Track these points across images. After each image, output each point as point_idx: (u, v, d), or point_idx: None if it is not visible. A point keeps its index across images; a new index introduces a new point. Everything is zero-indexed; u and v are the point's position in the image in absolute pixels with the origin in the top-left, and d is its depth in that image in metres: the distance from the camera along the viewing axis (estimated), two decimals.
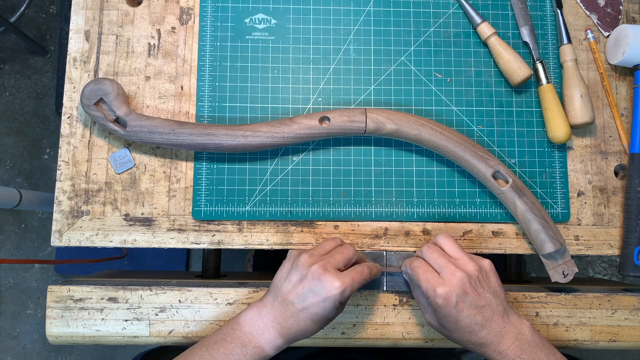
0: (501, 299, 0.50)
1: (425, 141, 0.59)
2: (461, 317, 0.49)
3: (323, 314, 0.49)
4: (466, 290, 0.49)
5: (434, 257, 0.52)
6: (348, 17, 0.65)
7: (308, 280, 0.49)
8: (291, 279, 0.50)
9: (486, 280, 0.50)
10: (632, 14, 0.68)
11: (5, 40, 1.51)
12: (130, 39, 0.63)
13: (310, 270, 0.49)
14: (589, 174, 0.64)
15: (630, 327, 0.60)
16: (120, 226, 0.60)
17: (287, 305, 0.49)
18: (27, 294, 1.42)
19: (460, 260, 0.51)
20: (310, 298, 0.48)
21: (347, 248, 0.54)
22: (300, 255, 0.51)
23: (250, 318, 0.50)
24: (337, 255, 0.52)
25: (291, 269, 0.51)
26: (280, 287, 0.50)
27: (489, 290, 0.50)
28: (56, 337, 0.58)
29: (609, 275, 1.48)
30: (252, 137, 0.58)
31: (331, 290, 0.48)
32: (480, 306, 0.49)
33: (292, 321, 0.49)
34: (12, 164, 1.47)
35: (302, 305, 0.49)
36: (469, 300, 0.48)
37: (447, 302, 0.49)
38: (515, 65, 0.62)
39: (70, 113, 0.62)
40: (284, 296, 0.50)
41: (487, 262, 0.52)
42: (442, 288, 0.49)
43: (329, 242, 0.55)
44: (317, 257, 0.51)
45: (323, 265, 0.49)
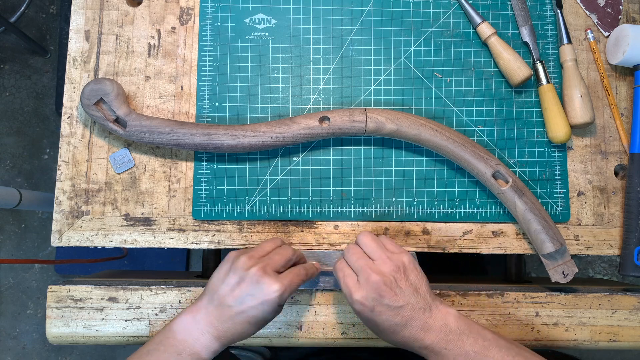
0: (422, 293, 0.49)
1: (425, 141, 0.59)
2: (380, 320, 0.48)
3: (261, 316, 0.48)
4: (382, 294, 0.48)
5: (353, 259, 0.51)
6: (348, 17, 0.65)
7: (246, 283, 0.48)
8: (229, 282, 0.49)
9: (405, 277, 0.49)
10: (632, 14, 0.68)
11: (5, 40, 1.51)
12: (130, 39, 0.63)
13: (248, 273, 0.48)
14: (589, 174, 0.64)
15: (630, 327, 0.60)
16: (120, 226, 0.60)
17: (223, 309, 0.48)
18: (27, 294, 1.42)
19: (378, 261, 0.50)
20: (249, 301, 0.48)
21: (285, 249, 0.53)
22: (239, 257, 0.50)
23: (185, 324, 0.49)
24: (276, 257, 0.51)
25: (229, 271, 0.50)
26: (217, 289, 0.49)
27: (407, 288, 0.49)
28: (56, 337, 0.58)
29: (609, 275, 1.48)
30: (252, 137, 0.58)
31: (270, 293, 0.48)
32: (398, 307, 0.48)
33: (229, 324, 0.48)
34: (12, 164, 1.47)
35: (240, 308, 0.48)
36: (385, 302, 0.48)
37: (364, 308, 0.48)
38: (515, 65, 0.62)
39: (70, 113, 0.62)
40: (220, 299, 0.49)
41: (407, 258, 0.51)
42: (357, 294, 0.48)
43: (268, 243, 0.54)
44: (256, 259, 0.50)
45: (262, 268, 0.49)
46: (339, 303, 0.59)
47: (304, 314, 0.59)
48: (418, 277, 0.50)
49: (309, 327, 0.59)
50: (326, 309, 0.59)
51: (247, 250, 0.52)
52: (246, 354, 0.92)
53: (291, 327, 0.59)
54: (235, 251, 0.52)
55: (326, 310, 0.59)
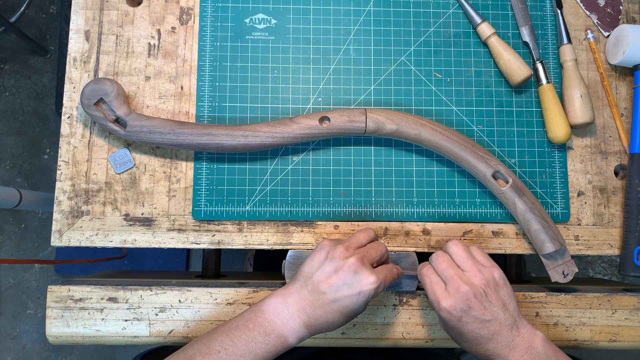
0: (511, 310, 0.49)
1: (425, 141, 0.59)
2: (465, 330, 0.48)
3: (354, 307, 0.48)
4: (470, 305, 0.48)
5: (442, 267, 0.51)
6: (348, 17, 0.65)
7: (344, 272, 0.48)
8: (325, 269, 0.49)
9: (495, 292, 0.49)
10: (632, 14, 0.68)
11: (5, 40, 1.51)
12: (130, 39, 0.63)
13: (347, 263, 0.48)
14: (589, 174, 0.64)
15: (630, 327, 0.60)
16: (120, 226, 0.60)
17: (317, 295, 0.48)
18: (27, 294, 1.42)
19: (468, 272, 0.50)
20: (344, 290, 0.48)
21: (380, 244, 0.53)
22: (336, 246, 0.50)
23: (275, 306, 0.48)
24: (372, 250, 0.51)
25: (325, 259, 0.50)
26: (311, 275, 0.49)
27: (496, 304, 0.49)
28: (56, 337, 0.58)
29: (609, 275, 1.48)
30: (252, 137, 0.58)
31: (367, 284, 0.48)
32: (486, 320, 0.48)
33: (321, 312, 0.48)
34: (12, 164, 1.47)
35: (335, 296, 0.48)
36: (473, 314, 0.48)
37: (451, 316, 0.48)
38: (515, 65, 0.62)
39: (70, 113, 0.62)
40: (315, 285, 0.48)
41: (498, 272, 0.51)
42: (445, 302, 0.49)
43: (362, 234, 0.53)
44: (352, 249, 0.50)
45: (360, 259, 0.49)
46: None
47: None
48: (508, 293, 0.50)
49: None
50: None
51: (341, 240, 0.52)
52: None
53: None
54: (328, 240, 0.52)
55: None
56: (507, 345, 0.48)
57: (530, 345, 0.48)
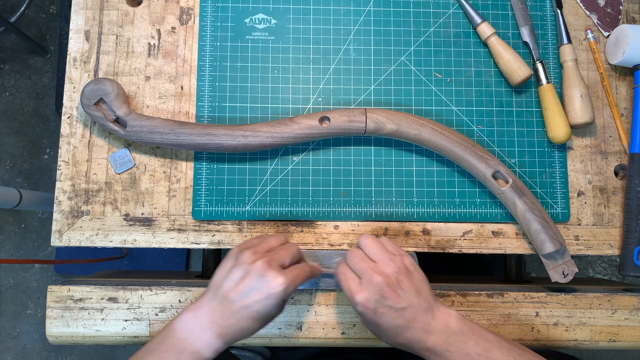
0: (424, 295, 0.49)
1: (425, 141, 0.59)
2: (382, 321, 0.48)
3: (265, 311, 0.47)
4: (384, 295, 0.48)
5: (354, 262, 0.51)
6: (348, 17, 0.65)
7: (251, 277, 0.47)
8: (233, 277, 0.48)
9: (407, 279, 0.49)
10: (632, 14, 0.68)
11: (5, 40, 1.51)
12: (130, 39, 0.63)
13: (254, 267, 0.48)
14: (589, 174, 0.64)
15: (630, 327, 0.60)
16: (120, 226, 0.60)
17: (227, 304, 0.47)
18: (27, 294, 1.42)
19: (380, 263, 0.50)
20: (253, 295, 0.47)
21: (292, 246, 0.53)
22: (243, 251, 0.49)
23: (186, 322, 0.48)
24: (282, 252, 0.51)
25: (233, 266, 0.49)
26: (220, 285, 0.48)
27: (410, 290, 0.48)
28: (56, 337, 0.58)
29: (609, 275, 1.48)
30: (252, 137, 0.58)
31: (275, 287, 0.47)
32: (401, 308, 0.48)
33: (232, 320, 0.47)
34: (12, 164, 1.47)
35: (244, 302, 0.47)
36: (388, 304, 0.48)
37: (366, 309, 0.48)
38: (515, 65, 0.61)
39: (70, 113, 0.62)
40: (224, 294, 0.48)
41: (409, 259, 0.51)
42: (359, 295, 0.48)
43: (272, 239, 0.53)
44: (260, 253, 0.49)
45: (267, 262, 0.48)
46: (339, 303, 0.59)
47: (304, 314, 0.59)
48: (420, 278, 0.50)
49: (309, 327, 0.59)
50: (326, 309, 0.59)
51: (250, 245, 0.51)
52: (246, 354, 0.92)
53: (291, 327, 0.59)
54: (237, 247, 0.51)
55: (326, 310, 0.59)
56: (424, 329, 0.48)
57: (446, 325, 0.48)
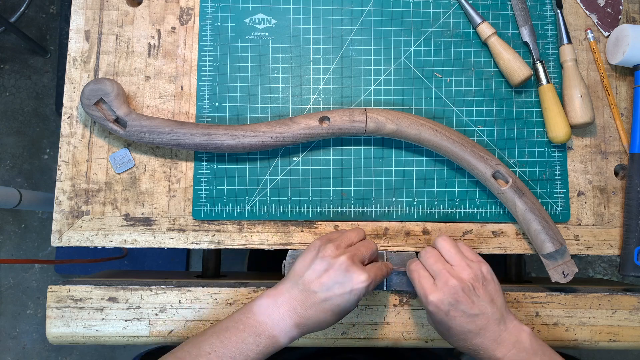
0: (498, 305, 0.49)
1: (425, 141, 0.59)
2: (453, 324, 0.48)
3: (345, 306, 0.48)
4: (458, 299, 0.48)
5: (430, 262, 0.51)
6: (348, 17, 0.65)
7: (334, 271, 0.48)
8: (315, 268, 0.48)
9: (483, 287, 0.50)
10: (632, 14, 0.68)
11: (5, 40, 1.51)
12: (130, 39, 0.63)
13: (337, 261, 0.48)
14: (589, 174, 0.64)
15: (630, 327, 0.60)
16: (120, 226, 0.60)
17: (308, 294, 0.48)
18: (27, 294, 1.42)
19: (457, 267, 0.50)
20: (336, 289, 0.47)
21: (371, 242, 0.53)
22: (327, 245, 0.50)
23: (265, 306, 0.48)
24: (363, 248, 0.51)
25: (315, 258, 0.49)
26: (302, 275, 0.49)
27: (484, 298, 0.49)
28: (56, 337, 0.58)
29: (609, 275, 1.48)
30: (252, 137, 0.58)
31: (358, 283, 0.48)
32: (474, 314, 0.48)
33: (312, 311, 0.48)
34: (12, 164, 1.47)
35: (326, 295, 0.47)
36: (461, 308, 0.48)
37: (438, 310, 0.48)
38: (515, 65, 0.62)
39: (70, 113, 0.62)
40: (306, 285, 0.48)
41: (486, 267, 0.51)
42: (433, 295, 0.49)
43: (352, 233, 0.53)
44: (343, 248, 0.50)
45: (351, 257, 0.49)
46: None
47: None
48: (495, 288, 0.50)
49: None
50: None
51: (332, 238, 0.52)
52: None
53: None
54: (319, 239, 0.52)
55: None
56: (495, 339, 0.48)
57: (518, 340, 0.48)
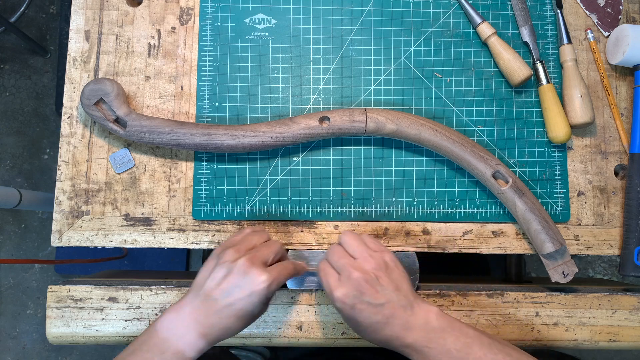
0: (404, 291, 0.49)
1: (425, 141, 0.59)
2: (361, 317, 0.48)
3: (249, 309, 0.47)
4: (362, 290, 0.47)
5: (334, 258, 0.51)
6: (348, 17, 0.65)
7: (234, 275, 0.47)
8: (215, 276, 0.48)
9: (387, 275, 0.49)
10: (632, 14, 0.68)
11: (5, 40, 1.51)
12: (130, 39, 0.63)
13: (236, 265, 0.47)
14: (589, 174, 0.64)
15: (630, 327, 0.60)
16: (120, 226, 0.60)
17: (209, 303, 0.47)
18: (27, 294, 1.42)
19: (359, 259, 0.50)
20: (236, 293, 0.47)
21: (275, 243, 0.52)
22: (225, 250, 0.49)
23: (168, 322, 0.47)
24: (264, 249, 0.50)
25: (215, 265, 0.49)
26: (203, 284, 0.48)
27: (389, 286, 0.48)
28: (56, 337, 0.58)
29: (609, 275, 1.48)
30: (252, 137, 0.58)
31: (258, 284, 0.47)
32: (379, 304, 0.47)
33: (215, 319, 0.47)
34: (12, 164, 1.47)
35: (227, 301, 0.47)
36: (366, 300, 0.47)
37: (345, 305, 0.48)
38: (515, 65, 0.62)
39: (70, 113, 0.62)
40: (207, 293, 0.47)
41: (389, 255, 0.51)
42: (338, 291, 0.48)
43: (255, 236, 0.53)
44: (243, 251, 0.49)
45: (250, 259, 0.48)
46: None
47: (304, 314, 0.59)
48: (400, 275, 0.50)
49: (309, 327, 0.59)
50: (326, 309, 0.59)
51: (233, 243, 0.51)
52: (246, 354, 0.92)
53: (291, 327, 0.59)
54: (219, 246, 0.51)
55: (326, 310, 0.59)
56: (403, 326, 0.47)
57: (426, 322, 0.47)
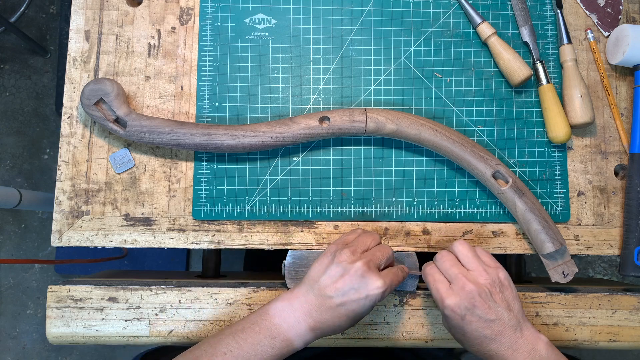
0: (515, 312, 0.49)
1: (425, 141, 0.59)
2: (469, 329, 0.48)
3: (361, 311, 0.48)
4: (475, 304, 0.48)
5: (446, 266, 0.51)
6: (348, 17, 0.65)
7: (350, 277, 0.48)
8: (331, 273, 0.49)
9: (500, 292, 0.49)
10: (632, 14, 0.68)
11: (5, 40, 1.51)
12: (130, 39, 0.63)
13: (353, 267, 0.48)
14: (589, 174, 0.64)
15: (630, 327, 0.60)
16: (120, 226, 0.60)
17: (324, 299, 0.48)
18: (27, 294, 1.42)
19: (474, 272, 0.50)
20: (351, 294, 0.48)
21: (387, 247, 0.53)
22: (342, 250, 0.50)
23: (281, 309, 0.49)
24: (379, 254, 0.51)
25: (331, 263, 0.49)
26: (317, 279, 0.49)
27: (501, 304, 0.49)
28: (56, 337, 0.58)
29: (609, 275, 1.48)
30: (252, 137, 0.58)
31: (374, 289, 0.48)
32: (490, 320, 0.48)
33: (327, 316, 0.48)
34: (12, 164, 1.47)
35: (341, 300, 0.48)
36: (477, 313, 0.48)
37: (454, 314, 0.48)
38: (515, 65, 0.62)
39: (70, 113, 0.62)
40: (321, 289, 0.48)
41: (503, 273, 0.51)
42: (450, 300, 0.49)
43: (367, 237, 0.53)
44: (359, 253, 0.50)
45: (367, 263, 0.49)
46: None
47: None
48: (512, 294, 0.50)
49: None
50: None
51: (348, 242, 0.52)
52: None
53: None
54: (334, 244, 0.52)
55: None
56: (510, 346, 0.48)
57: (534, 348, 0.48)
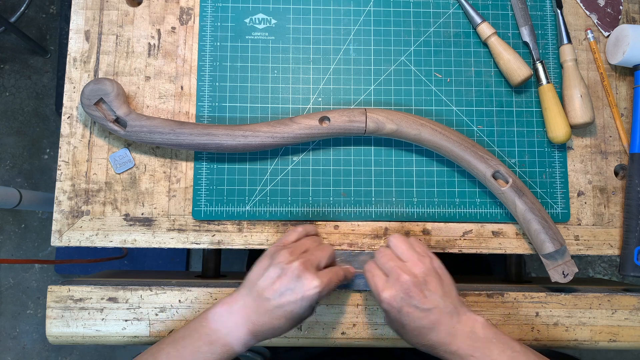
0: (451, 298, 0.49)
1: (425, 141, 0.59)
2: (407, 321, 0.48)
3: (298, 312, 0.48)
4: (410, 294, 0.48)
5: (383, 260, 0.51)
6: (348, 17, 0.65)
7: (287, 277, 0.48)
8: (269, 275, 0.49)
9: (435, 281, 0.49)
10: (632, 14, 0.68)
11: (5, 40, 1.51)
12: (130, 39, 0.63)
13: (290, 267, 0.48)
14: (589, 174, 0.64)
15: (630, 327, 0.60)
16: (120, 226, 0.60)
17: (261, 302, 0.48)
18: (27, 294, 1.42)
19: (409, 263, 0.50)
20: (288, 295, 0.48)
21: (326, 247, 0.53)
22: (280, 251, 0.50)
23: (220, 314, 0.49)
24: (318, 253, 0.51)
25: (269, 265, 0.50)
26: (255, 282, 0.49)
27: (436, 292, 0.49)
28: (56, 337, 0.58)
29: (609, 275, 1.48)
30: (252, 137, 0.58)
31: (309, 289, 0.48)
32: (427, 309, 0.48)
33: (266, 318, 0.48)
34: (12, 164, 1.47)
35: (278, 302, 0.48)
36: (413, 303, 0.48)
37: (391, 307, 0.48)
38: (515, 65, 0.62)
39: (70, 113, 0.62)
40: (259, 292, 0.48)
41: (437, 262, 0.51)
42: (386, 292, 0.48)
43: (308, 240, 0.54)
44: (297, 254, 0.50)
45: (303, 263, 0.49)
46: (339, 303, 0.59)
47: None
48: (448, 282, 0.50)
49: (309, 327, 0.59)
50: (326, 309, 0.59)
51: (286, 244, 0.52)
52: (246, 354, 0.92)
53: None
54: (274, 245, 0.52)
55: (326, 310, 0.59)
56: (449, 333, 0.48)
57: (472, 331, 0.48)
